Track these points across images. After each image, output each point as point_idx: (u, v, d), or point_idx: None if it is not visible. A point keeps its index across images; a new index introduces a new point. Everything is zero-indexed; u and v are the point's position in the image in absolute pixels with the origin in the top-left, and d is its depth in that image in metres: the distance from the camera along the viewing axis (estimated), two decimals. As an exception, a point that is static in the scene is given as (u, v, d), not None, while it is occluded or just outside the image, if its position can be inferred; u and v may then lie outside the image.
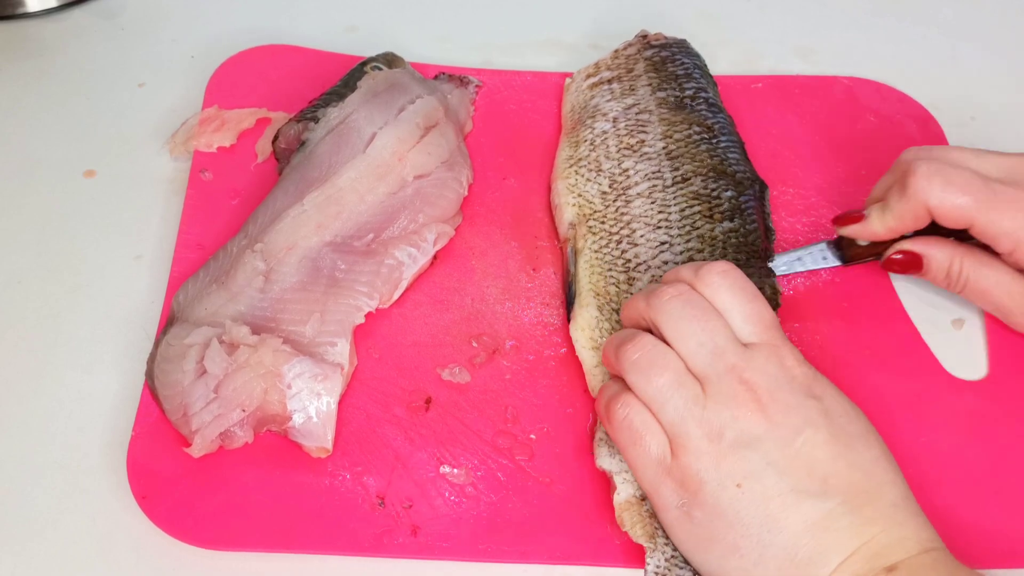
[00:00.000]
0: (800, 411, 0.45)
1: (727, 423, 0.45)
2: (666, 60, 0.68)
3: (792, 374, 0.46)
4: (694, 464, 0.45)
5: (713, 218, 0.59)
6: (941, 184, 0.53)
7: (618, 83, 0.67)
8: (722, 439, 0.45)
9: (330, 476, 0.52)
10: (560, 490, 0.52)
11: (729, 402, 0.45)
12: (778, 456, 0.44)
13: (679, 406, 0.46)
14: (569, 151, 0.65)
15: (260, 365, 0.52)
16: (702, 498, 0.45)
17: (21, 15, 0.75)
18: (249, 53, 0.73)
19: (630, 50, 0.69)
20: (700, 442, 0.45)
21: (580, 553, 0.50)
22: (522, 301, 0.60)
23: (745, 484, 0.44)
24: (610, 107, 0.65)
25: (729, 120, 0.65)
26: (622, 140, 0.63)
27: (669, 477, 0.46)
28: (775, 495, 0.44)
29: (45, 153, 0.67)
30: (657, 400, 0.46)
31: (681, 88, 0.66)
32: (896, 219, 0.56)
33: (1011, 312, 0.57)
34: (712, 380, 0.46)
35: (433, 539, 0.50)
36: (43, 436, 0.54)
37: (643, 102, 0.65)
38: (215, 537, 0.50)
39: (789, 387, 0.46)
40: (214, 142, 0.66)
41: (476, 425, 0.54)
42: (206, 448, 0.51)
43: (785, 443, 0.44)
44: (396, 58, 0.70)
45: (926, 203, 0.54)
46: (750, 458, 0.44)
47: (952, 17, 0.80)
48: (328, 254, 0.58)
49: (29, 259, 0.62)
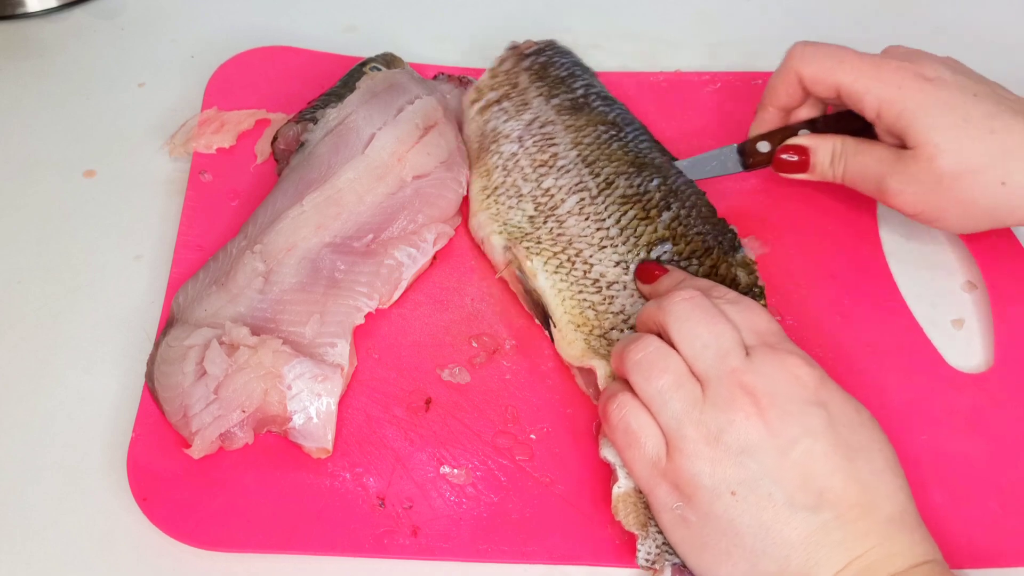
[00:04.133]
0: (800, 419, 0.44)
1: (724, 427, 0.44)
2: (546, 65, 0.67)
3: (798, 380, 0.45)
4: (690, 467, 0.45)
5: (650, 216, 0.58)
6: (810, 52, 0.58)
7: (508, 101, 0.65)
8: (718, 444, 0.44)
9: (330, 477, 0.52)
10: (560, 490, 0.52)
11: (727, 406, 0.45)
12: (773, 465, 0.44)
13: (677, 408, 0.45)
14: (482, 182, 0.63)
15: (260, 366, 0.52)
16: (696, 503, 0.45)
17: (21, 15, 0.75)
18: (248, 54, 0.73)
19: (507, 64, 0.67)
20: (696, 445, 0.45)
21: (580, 553, 0.50)
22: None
23: (740, 492, 0.44)
24: (510, 127, 0.64)
25: (624, 108, 0.65)
26: (534, 158, 0.62)
27: (664, 479, 0.46)
28: (769, 505, 0.44)
29: (45, 153, 0.67)
30: (656, 401, 0.46)
31: (571, 89, 0.65)
32: (772, 92, 0.61)
33: (884, 179, 0.57)
34: (712, 383, 0.45)
35: (433, 539, 0.50)
36: (43, 436, 0.54)
37: (542, 114, 0.64)
38: (215, 538, 0.50)
39: (790, 394, 0.45)
40: (213, 143, 0.66)
41: (476, 425, 0.54)
42: (206, 449, 0.51)
43: (782, 452, 0.44)
44: (395, 58, 0.70)
45: (796, 70, 0.58)
46: (746, 465, 0.44)
47: (952, 18, 0.80)
48: (328, 255, 0.58)
49: (29, 259, 0.62)
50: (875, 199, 0.61)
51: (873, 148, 0.58)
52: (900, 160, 0.56)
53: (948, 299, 0.62)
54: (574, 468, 0.53)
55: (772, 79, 0.61)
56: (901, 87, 0.55)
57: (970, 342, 0.60)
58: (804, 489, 0.43)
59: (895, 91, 0.55)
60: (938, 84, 0.55)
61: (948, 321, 0.61)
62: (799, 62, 0.58)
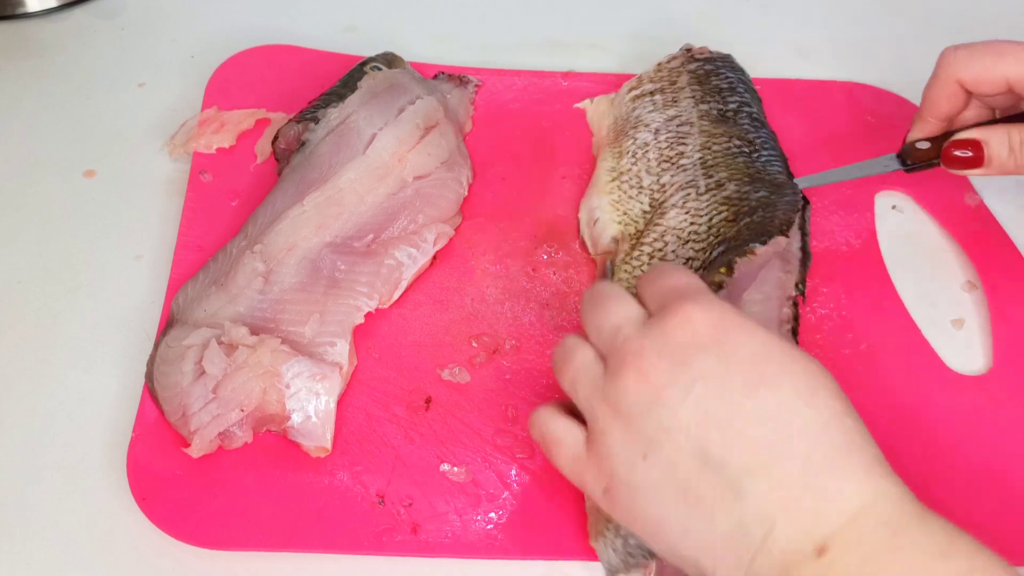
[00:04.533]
0: (689, 368, 0.41)
1: (621, 395, 0.42)
2: (710, 74, 0.67)
3: (688, 328, 0.42)
4: (603, 444, 0.43)
5: (736, 220, 0.57)
6: (964, 54, 0.56)
7: (660, 95, 0.66)
8: (619, 413, 0.42)
9: (329, 475, 0.52)
10: (560, 487, 0.52)
11: (621, 374, 0.42)
12: (670, 421, 0.40)
13: (586, 390, 0.44)
14: (612, 163, 0.64)
15: (258, 365, 0.52)
16: (617, 478, 0.42)
17: (21, 15, 0.75)
18: (248, 53, 0.73)
19: (674, 63, 0.68)
20: (604, 420, 0.43)
21: (580, 549, 0.50)
22: (522, 301, 0.60)
23: (649, 455, 0.41)
24: (652, 118, 0.65)
25: (772, 136, 0.64)
26: (662, 152, 0.62)
27: (588, 464, 0.44)
28: (679, 462, 0.40)
29: (45, 153, 0.67)
30: (571, 392, 0.45)
31: (724, 101, 0.65)
32: (931, 103, 0.58)
33: None
34: (609, 358, 0.44)
35: (433, 537, 0.50)
36: (43, 436, 0.54)
37: (685, 114, 0.64)
38: (215, 537, 0.50)
39: (679, 343, 0.41)
40: (213, 143, 0.66)
41: (476, 424, 0.54)
42: (205, 448, 0.51)
43: (675, 406, 0.40)
44: (396, 58, 0.70)
45: (954, 77, 0.56)
46: (646, 426, 0.41)
47: (952, 18, 0.80)
48: (328, 255, 0.58)
49: (29, 259, 0.62)
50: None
51: None
52: None
53: (948, 299, 0.62)
54: (574, 467, 0.53)
55: (928, 91, 0.59)
56: None
57: (969, 343, 0.60)
58: (706, 439, 0.40)
59: None
60: None
61: (948, 321, 0.61)
62: (956, 68, 0.57)
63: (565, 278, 0.61)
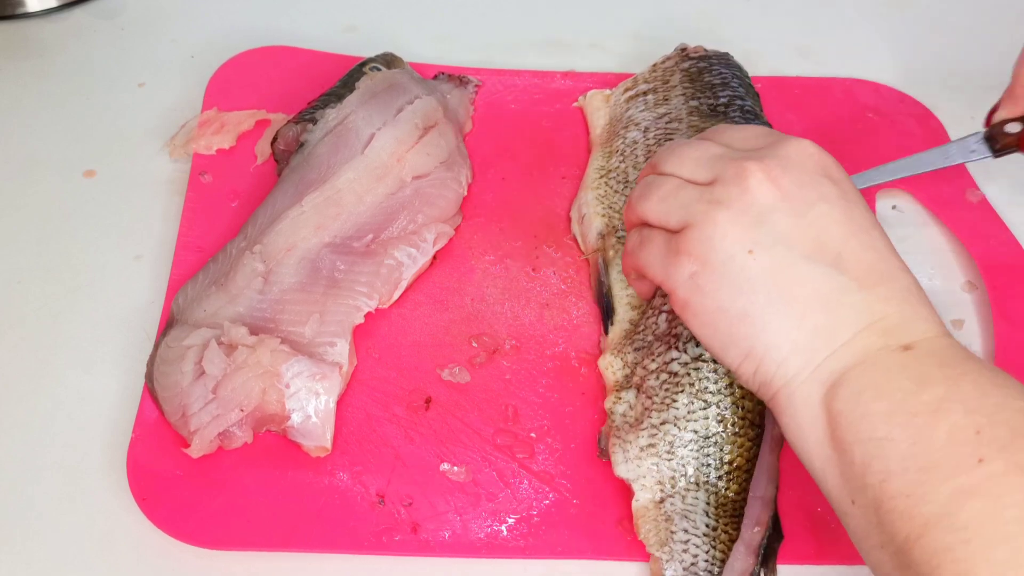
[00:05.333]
0: (814, 187, 0.44)
1: (735, 196, 0.44)
2: (703, 71, 0.67)
3: (809, 155, 0.45)
4: (702, 233, 0.44)
5: None
6: None
7: (653, 94, 0.66)
8: (731, 208, 0.44)
9: (329, 475, 0.52)
10: (560, 487, 0.52)
11: (739, 180, 0.44)
12: (790, 225, 0.43)
13: (682, 200, 0.45)
14: (601, 162, 0.64)
15: (258, 365, 0.52)
16: (711, 266, 0.44)
17: (21, 15, 0.75)
18: (248, 55, 0.73)
19: (668, 63, 0.68)
20: (708, 215, 0.44)
21: (580, 549, 0.50)
22: (522, 301, 0.60)
23: (756, 250, 0.43)
24: (643, 117, 0.65)
25: (767, 126, 0.63)
26: (650, 149, 0.62)
27: (678, 253, 0.45)
28: (786, 264, 0.43)
29: (45, 153, 0.67)
30: (662, 207, 0.46)
31: (715, 96, 0.65)
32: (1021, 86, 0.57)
33: None
34: (720, 174, 0.45)
35: (433, 536, 0.50)
36: (43, 436, 0.54)
37: (675, 111, 0.64)
38: (215, 537, 0.50)
39: (803, 165, 0.44)
40: (213, 144, 0.66)
41: (476, 424, 0.54)
42: (205, 448, 0.51)
43: (798, 213, 0.43)
44: (395, 58, 0.70)
45: None
46: (761, 225, 0.43)
47: (952, 16, 0.80)
48: (327, 255, 0.58)
49: (29, 259, 0.62)
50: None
51: None
52: None
53: (948, 299, 0.62)
54: (574, 466, 0.53)
55: (1020, 67, 0.58)
56: None
57: (970, 344, 0.60)
58: (821, 249, 0.43)
59: None
60: None
61: (948, 321, 0.61)
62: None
63: (565, 278, 0.61)
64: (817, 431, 0.42)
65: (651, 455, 0.50)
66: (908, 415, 0.39)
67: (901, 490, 0.38)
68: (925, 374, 0.40)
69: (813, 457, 0.42)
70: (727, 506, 0.49)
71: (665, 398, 0.51)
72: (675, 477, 0.50)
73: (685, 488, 0.50)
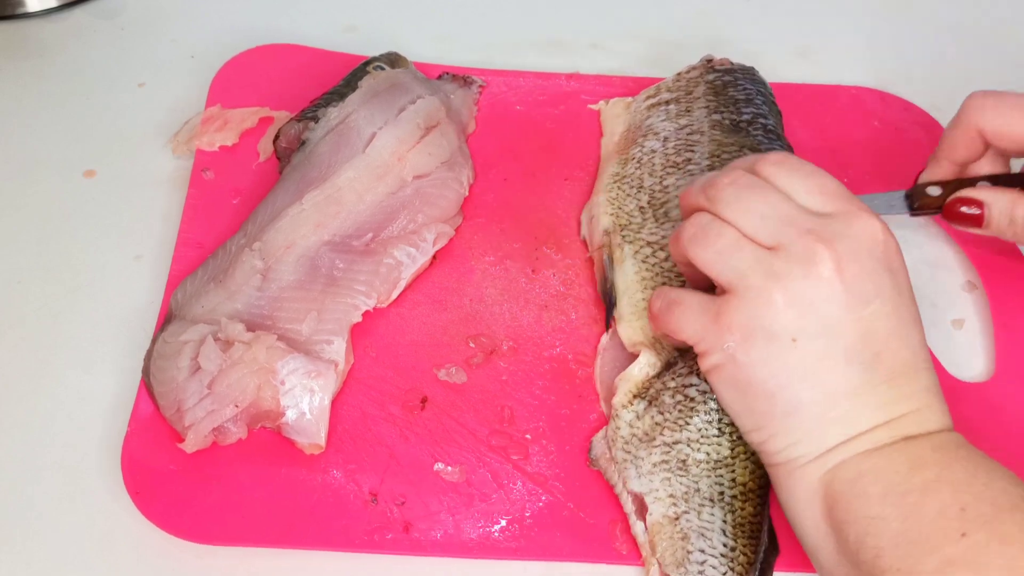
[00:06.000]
0: (875, 281, 0.44)
1: (798, 277, 0.44)
2: (727, 84, 0.66)
3: (875, 241, 0.45)
4: (751, 310, 0.44)
5: None
6: (992, 106, 0.55)
7: (675, 104, 0.65)
8: (788, 291, 0.44)
9: (323, 473, 0.52)
10: (554, 489, 0.52)
11: (803, 260, 0.44)
12: (840, 318, 0.43)
13: (738, 262, 0.45)
14: (616, 168, 0.63)
15: (254, 361, 0.52)
16: (752, 344, 0.44)
17: (21, 15, 0.75)
18: (253, 52, 0.73)
19: (692, 73, 0.67)
20: (762, 291, 0.44)
21: (572, 551, 0.50)
22: (521, 303, 0.60)
23: (800, 339, 0.44)
24: (663, 127, 0.64)
25: (788, 148, 0.63)
26: (668, 158, 0.61)
27: (719, 321, 0.45)
28: (826, 357, 0.44)
29: (45, 153, 0.67)
30: (716, 262, 0.46)
31: (739, 112, 0.64)
32: (949, 146, 0.58)
33: None
34: (785, 244, 0.44)
35: (425, 536, 0.50)
36: (43, 436, 0.55)
37: (696, 123, 0.63)
38: (207, 532, 0.50)
39: (869, 253, 0.44)
40: (216, 141, 0.66)
41: (471, 424, 0.54)
42: (199, 444, 0.51)
43: (852, 309, 0.44)
44: (399, 58, 0.69)
45: (977, 126, 0.56)
46: (814, 315, 0.44)
47: (953, 19, 0.80)
48: (326, 253, 0.58)
49: (29, 259, 0.62)
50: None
51: None
52: None
53: (948, 299, 0.62)
54: (568, 468, 0.53)
55: (948, 132, 0.59)
56: None
57: (970, 347, 0.60)
58: (863, 346, 0.44)
59: None
60: None
61: (948, 321, 0.61)
62: (979, 116, 0.56)
63: (565, 280, 0.61)
64: (815, 509, 0.44)
65: (664, 470, 0.50)
66: (900, 495, 0.42)
67: (892, 564, 0.40)
68: (919, 457, 0.43)
69: (808, 531, 0.44)
70: (745, 526, 0.49)
71: (679, 418, 0.51)
72: (688, 492, 0.50)
73: (700, 504, 0.49)
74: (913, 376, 0.44)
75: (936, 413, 0.44)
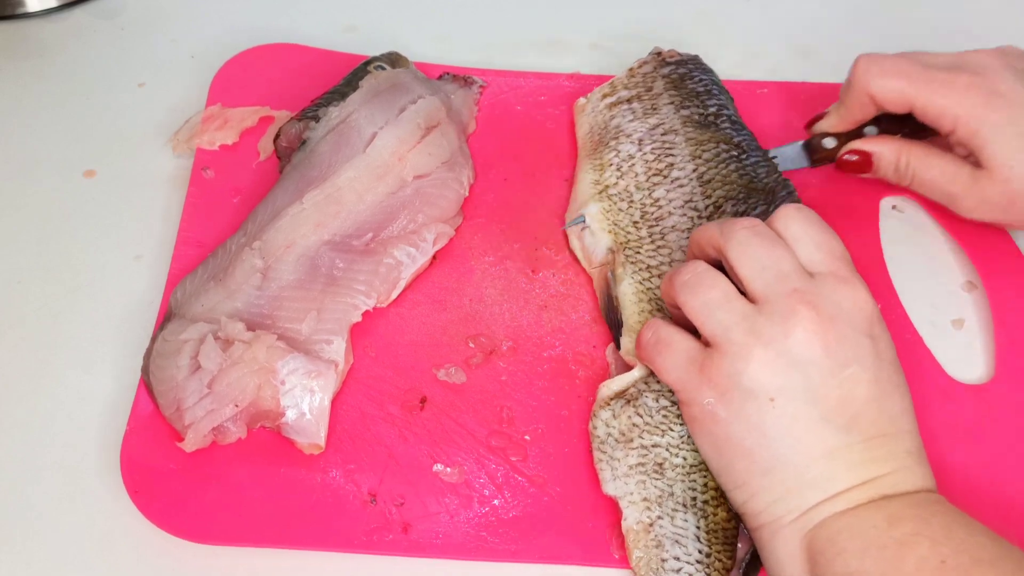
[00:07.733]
0: (854, 346, 0.45)
1: (778, 337, 0.45)
2: (684, 77, 0.66)
3: (858, 308, 0.46)
4: (732, 367, 0.45)
5: None
6: (878, 71, 0.58)
7: (638, 102, 0.65)
8: (769, 350, 0.45)
9: (322, 473, 0.52)
10: (553, 490, 0.52)
11: (786, 320, 0.45)
12: (820, 383, 0.44)
13: (724, 317, 0.46)
14: (594, 175, 0.62)
15: (254, 361, 0.52)
16: (730, 401, 0.45)
17: (21, 15, 0.75)
18: (253, 52, 0.73)
19: (646, 68, 0.67)
20: (743, 348, 0.45)
21: (572, 553, 0.50)
22: (520, 303, 0.60)
23: (779, 400, 0.44)
24: (633, 127, 0.63)
25: (752, 136, 0.64)
26: (650, 165, 0.61)
27: (702, 374, 0.46)
28: (803, 419, 0.44)
29: (45, 153, 0.67)
30: (703, 312, 0.47)
31: (704, 105, 0.64)
32: (845, 109, 0.61)
33: (957, 197, 0.59)
34: (771, 300, 0.46)
35: (424, 537, 0.50)
36: (43, 436, 0.55)
37: (668, 121, 0.63)
38: (207, 532, 0.50)
39: (850, 319, 0.46)
40: (217, 140, 0.66)
41: (470, 425, 0.54)
42: (199, 443, 0.51)
43: (831, 373, 0.44)
44: (400, 58, 0.69)
45: (867, 90, 0.59)
46: (793, 376, 0.44)
47: (954, 20, 0.80)
48: (326, 253, 0.58)
49: (29, 259, 0.62)
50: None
51: (944, 162, 0.59)
52: (974, 181, 0.58)
53: (948, 299, 0.62)
54: (568, 469, 0.53)
55: (842, 96, 0.61)
56: (975, 106, 0.56)
57: (970, 347, 0.60)
58: (840, 410, 0.44)
59: (969, 110, 0.56)
60: (1012, 100, 0.56)
61: (948, 321, 0.61)
62: (866, 80, 0.59)
63: (564, 281, 0.61)
64: (796, 567, 0.45)
65: (639, 472, 0.50)
66: (879, 548, 0.42)
67: None
68: (897, 513, 0.43)
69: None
70: (718, 532, 0.49)
71: (661, 423, 0.51)
72: (662, 496, 0.50)
73: (673, 509, 0.49)
74: (893, 439, 0.45)
75: (916, 475, 0.45)
